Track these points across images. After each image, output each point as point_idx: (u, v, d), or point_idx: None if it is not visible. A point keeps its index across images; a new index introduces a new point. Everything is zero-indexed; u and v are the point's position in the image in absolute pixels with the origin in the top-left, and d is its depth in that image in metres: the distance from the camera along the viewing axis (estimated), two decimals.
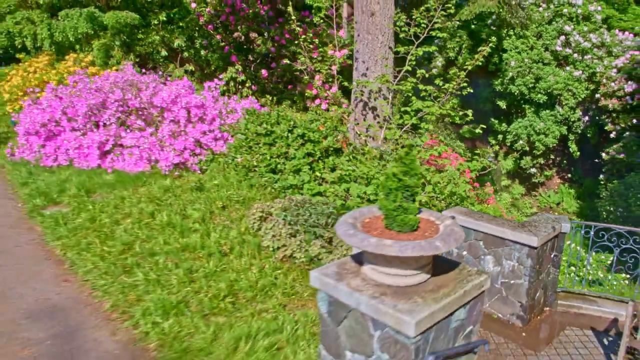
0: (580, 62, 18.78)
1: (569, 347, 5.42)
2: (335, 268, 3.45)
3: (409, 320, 2.81)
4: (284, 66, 15.86)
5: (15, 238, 6.95)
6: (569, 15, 19.05)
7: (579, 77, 18.60)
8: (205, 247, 6.18)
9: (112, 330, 4.92)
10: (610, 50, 18.78)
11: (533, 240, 5.44)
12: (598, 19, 19.25)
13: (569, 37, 18.80)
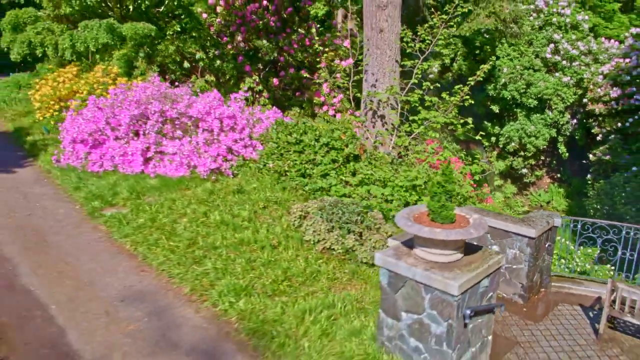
0: (569, 68, 20.36)
1: (561, 319, 6.81)
2: (392, 251, 4.78)
3: (453, 284, 4.14)
4: (292, 74, 17.14)
5: (84, 236, 8.15)
6: (558, 24, 20.61)
7: (568, 83, 20.17)
8: (257, 241, 7.47)
9: (196, 309, 6.19)
10: (597, 57, 20.38)
11: (531, 232, 6.81)
12: (585, 28, 20.84)
13: (558, 45, 20.35)
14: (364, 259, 7.42)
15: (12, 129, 13.98)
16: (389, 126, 12.70)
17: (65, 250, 7.59)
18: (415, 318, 4.63)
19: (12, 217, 8.71)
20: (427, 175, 10.27)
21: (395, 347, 4.92)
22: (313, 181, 9.32)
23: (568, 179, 22.21)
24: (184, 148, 10.07)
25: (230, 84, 15.95)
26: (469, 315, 4.37)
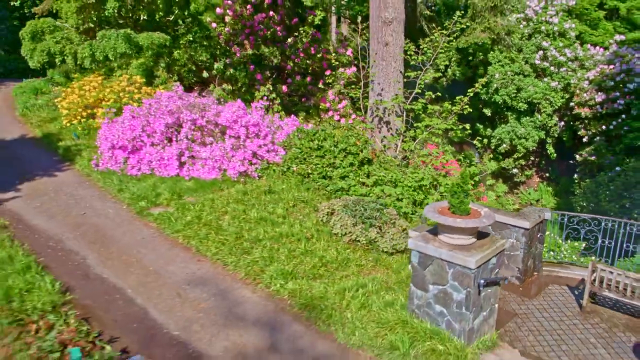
0: (557, 74, 22.03)
1: (551, 296, 8.33)
2: (421, 238, 6.24)
3: (471, 260, 5.61)
4: (298, 82, 18.55)
5: (138, 232, 9.50)
6: (547, 31, 22.28)
7: (556, 88, 21.85)
8: (294, 234, 8.89)
9: (252, 290, 7.60)
10: (583, 63, 22.09)
11: (526, 224, 8.32)
12: (572, 35, 22.53)
13: (547, 52, 22.03)
14: (385, 249, 8.88)
15: (40, 134, 15.20)
16: (393, 132, 14.19)
17: (125, 244, 8.94)
18: (440, 288, 6.09)
19: (69, 216, 10.02)
20: (432, 177, 11.79)
21: (424, 313, 6.39)
22: (334, 182, 10.78)
23: (556, 178, 23.90)
24: (215, 153, 11.45)
25: (242, 91, 17.29)
26: (483, 285, 5.84)
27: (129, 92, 15.01)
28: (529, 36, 22.62)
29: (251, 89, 17.51)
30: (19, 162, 13.06)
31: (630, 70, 20.01)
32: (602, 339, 7.08)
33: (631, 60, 20.28)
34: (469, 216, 6.00)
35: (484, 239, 6.25)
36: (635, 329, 7.41)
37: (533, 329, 7.25)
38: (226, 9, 19.25)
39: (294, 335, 6.48)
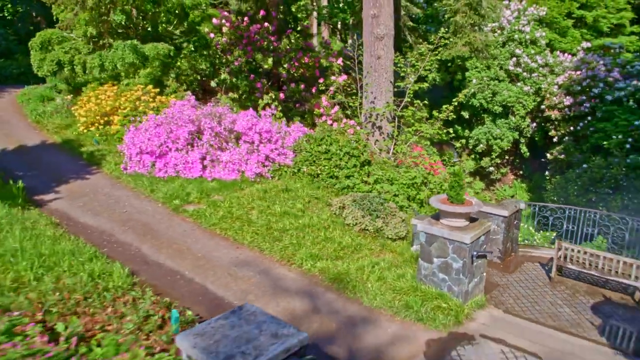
0: (529, 79, 24.54)
1: (527, 271, 10.53)
2: (427, 222, 8.33)
3: (466, 237, 7.73)
4: (292, 89, 20.51)
5: (178, 226, 11.35)
6: (519, 40, 24.77)
7: (528, 92, 24.35)
8: (314, 225, 10.90)
9: (288, 269, 9.58)
10: (553, 69, 24.65)
11: (505, 213, 10.50)
12: (543, 43, 25.09)
13: (520, 59, 24.51)
14: (389, 236, 10.98)
15: (60, 140, 16.81)
16: (385, 136, 16.34)
17: (170, 236, 10.81)
18: (443, 260, 8.19)
19: (113, 213, 11.81)
20: (422, 176, 13.96)
21: (430, 280, 8.49)
22: (340, 181, 12.83)
23: (529, 175, 26.44)
24: (234, 157, 13.36)
25: (243, 99, 19.17)
26: (475, 256, 7.95)
27: (144, 101, 16.75)
28: (503, 44, 25.08)
29: (251, 96, 19.41)
30: (48, 166, 14.70)
31: (595, 76, 22.61)
32: (566, 301, 9.29)
33: (596, 67, 22.90)
34: (464, 204, 8.11)
35: (474, 222, 8.37)
36: (593, 293, 9.66)
37: (513, 295, 9.43)
38: (222, 20, 21.08)
39: (329, 301, 8.49)
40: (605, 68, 22.88)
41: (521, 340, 7.69)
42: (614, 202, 18.78)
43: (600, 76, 22.46)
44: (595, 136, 21.79)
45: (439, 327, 7.83)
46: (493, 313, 8.55)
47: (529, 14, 24.97)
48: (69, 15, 20.23)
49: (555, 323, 8.41)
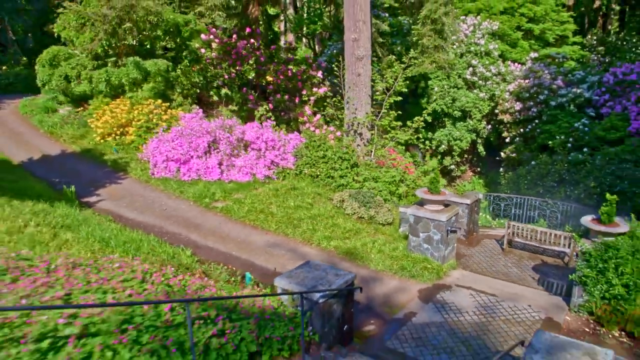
0: (484, 86, 28.97)
1: (485, 245, 14.61)
2: (414, 207, 12.22)
3: (443, 217, 11.68)
4: (278, 99, 24.13)
5: (212, 219, 14.82)
6: (475, 51, 29.17)
7: (483, 98, 28.77)
8: (322, 214, 14.63)
9: (309, 247, 13.26)
10: (505, 78, 29.16)
11: (468, 201, 14.54)
12: (496, 55, 29.57)
13: (476, 68, 28.91)
14: (380, 222, 14.83)
15: (79, 150, 19.86)
16: (365, 141, 20.22)
17: (209, 227, 14.30)
18: (426, 234, 12.09)
19: (155, 211, 15.17)
20: (400, 175, 17.91)
21: (417, 250, 12.39)
22: (336, 180, 16.61)
23: (486, 171, 30.94)
24: (247, 162, 16.93)
25: (238, 110, 22.66)
26: (449, 231, 11.89)
27: (156, 114, 20.03)
28: (461, 55, 29.43)
29: (243, 107, 22.94)
30: (80, 173, 17.82)
31: (541, 84, 27.19)
32: (515, 264, 13.37)
33: (542, 76, 27.49)
34: (440, 195, 12.03)
35: (447, 207, 12.32)
36: (534, 258, 13.79)
37: (476, 261, 13.45)
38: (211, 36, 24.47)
39: (345, 267, 12.25)
40: (550, 76, 27.51)
41: (483, 287, 11.68)
42: (558, 193, 23.20)
43: (546, 84, 27.05)
44: (542, 137, 26.32)
45: (426, 281, 11.74)
46: (462, 272, 12.54)
47: (483, 28, 29.42)
48: (72, 34, 23.19)
49: (506, 278, 12.46)
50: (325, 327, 8.23)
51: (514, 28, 31.32)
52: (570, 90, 26.67)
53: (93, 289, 6.60)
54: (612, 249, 10.15)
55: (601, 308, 10.27)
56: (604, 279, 10.18)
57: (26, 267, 7.18)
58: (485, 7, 31.06)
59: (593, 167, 22.23)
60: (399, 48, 28.70)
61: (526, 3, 31.17)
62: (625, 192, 20.40)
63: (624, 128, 24.21)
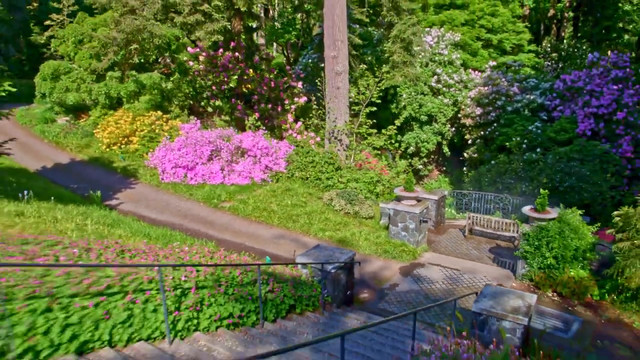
0: (448, 93, 33.04)
1: (450, 233, 18.47)
2: (393, 203, 15.97)
3: (416, 210, 15.49)
4: (263, 108, 27.56)
5: (223, 217, 18.21)
6: (439, 61, 33.22)
7: (447, 103, 32.83)
8: (315, 211, 18.23)
9: (308, 237, 16.87)
10: (466, 85, 33.30)
11: (435, 197, 18.39)
12: (458, 63, 33.68)
13: (440, 76, 32.95)
14: (364, 216, 18.53)
15: (87, 158, 22.88)
16: (345, 147, 23.92)
17: (222, 223, 17.70)
18: (404, 224, 15.81)
19: (172, 211, 18.44)
20: (376, 176, 21.67)
21: (396, 237, 16.13)
22: (323, 182, 20.25)
23: (450, 170, 35.09)
24: (246, 167, 20.38)
25: (229, 119, 26.02)
26: (422, 221, 15.63)
27: (158, 124, 23.24)
28: (426, 64, 33.43)
29: (232, 116, 26.32)
30: (93, 179, 20.91)
31: (498, 91, 31.39)
32: (474, 247, 17.24)
33: (499, 83, 31.70)
34: (413, 192, 15.78)
35: (419, 202, 16.10)
36: (489, 242, 17.70)
37: (443, 246, 17.27)
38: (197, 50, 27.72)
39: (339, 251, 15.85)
40: (507, 83, 31.75)
41: (449, 264, 15.48)
42: (515, 189, 27.31)
43: (503, 91, 31.27)
44: (500, 139, 30.50)
45: (404, 261, 15.47)
46: (433, 254, 16.34)
47: (446, 39, 33.49)
48: (69, 49, 26.13)
49: (468, 257, 16.31)
50: (335, 291, 11.85)
51: (475, 38, 35.58)
52: (524, 96, 30.94)
53: (188, 262, 10.01)
54: (544, 230, 14.08)
55: (538, 275, 14.20)
56: (539, 253, 14.11)
57: (135, 249, 10.47)
58: (448, 19, 35.19)
59: (545, 165, 26.29)
60: (370, 58, 32.47)
61: (485, 15, 35.47)
62: (573, 187, 24.58)
63: (572, 130, 28.41)
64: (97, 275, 7.62)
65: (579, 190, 24.53)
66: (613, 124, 27.62)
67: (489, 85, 32.00)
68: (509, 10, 36.68)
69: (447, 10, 36.30)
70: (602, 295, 13.99)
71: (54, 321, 6.28)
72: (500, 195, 20.10)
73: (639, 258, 12.81)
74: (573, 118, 28.81)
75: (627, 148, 26.19)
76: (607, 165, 25.48)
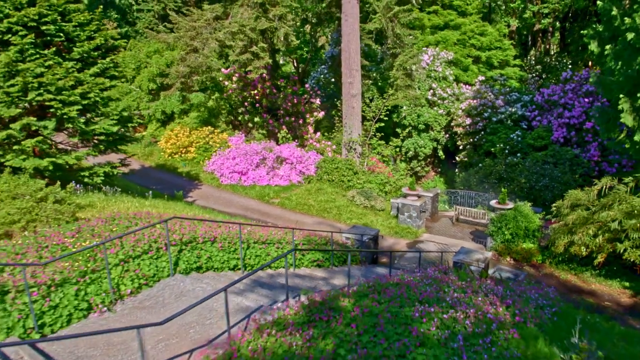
0: (442, 104, 42.05)
1: (442, 221, 27.52)
2: (401, 198, 25.04)
3: (418, 203, 24.56)
4: (287, 121, 36.33)
5: (275, 210, 27.04)
6: (434, 77, 42.22)
7: (442, 114, 41.85)
8: (342, 205, 27.17)
9: (340, 224, 25.81)
10: (458, 97, 42.32)
11: (431, 195, 27.47)
12: (451, 79, 42.70)
13: (435, 90, 41.95)
14: (378, 208, 27.53)
15: (154, 164, 31.49)
16: (358, 154, 32.88)
17: (275, 215, 26.54)
18: (409, 213, 24.78)
19: (235, 206, 27.21)
20: (386, 178, 30.74)
21: (403, 222, 25.15)
22: (345, 183, 29.21)
23: (445, 172, 44.21)
24: (286, 172, 29.24)
25: (265, 133, 34.79)
26: (421, 211, 24.59)
27: (210, 137, 31.97)
28: (424, 80, 42.41)
29: (266, 129, 35.14)
30: (165, 181, 29.54)
31: (485, 104, 40.43)
32: (459, 231, 26.27)
33: (486, 97, 40.76)
34: (415, 190, 24.78)
35: (420, 197, 25.11)
36: (471, 227, 26.75)
37: (436, 229, 26.29)
38: (230, 71, 36.41)
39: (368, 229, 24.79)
40: (493, 96, 40.79)
41: (440, 241, 24.48)
42: (499, 188, 36.42)
43: (489, 104, 40.31)
44: (486, 145, 39.54)
45: (409, 238, 24.46)
46: (429, 234, 25.34)
47: (441, 57, 42.48)
48: (128, 72, 34.78)
49: (454, 237, 25.32)
50: (367, 254, 20.81)
51: (466, 55, 44.68)
52: (507, 108, 40.03)
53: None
54: (504, 216, 23.12)
55: (500, 247, 23.23)
56: (500, 232, 23.15)
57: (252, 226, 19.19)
58: (442, 39, 44.23)
59: (524, 168, 34.99)
60: (374, 74, 41.44)
61: (475, 35, 44.59)
62: (547, 186, 33.45)
63: (548, 137, 37.33)
64: (259, 235, 16.51)
65: (552, 188, 33.30)
66: (583, 132, 36.01)
67: (477, 99, 41.02)
68: (496, 30, 45.82)
69: (441, 30, 45.32)
70: (543, 259, 23.05)
71: (251, 252, 15.12)
72: (480, 193, 29.17)
73: (563, 233, 21.86)
74: (549, 127, 37.59)
75: (594, 153, 34.29)
76: (576, 168, 34.00)
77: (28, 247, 11.59)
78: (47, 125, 18.44)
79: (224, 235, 14.44)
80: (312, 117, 35.81)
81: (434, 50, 42.81)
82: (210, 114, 34.21)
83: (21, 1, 18.86)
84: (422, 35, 44.92)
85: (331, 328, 8.62)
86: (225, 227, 15.58)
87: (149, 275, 11.92)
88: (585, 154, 34.50)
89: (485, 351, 8.02)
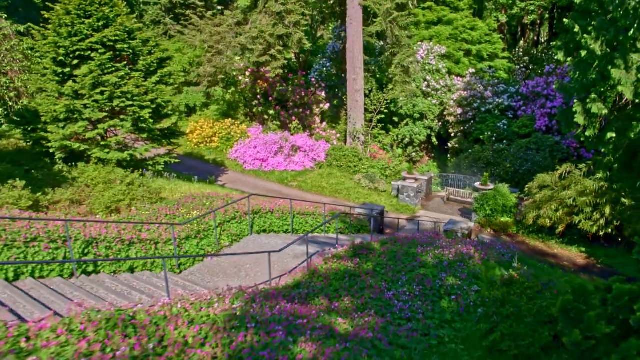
0: (435, 95, 48.92)
1: (436, 200, 34.58)
2: (401, 182, 32.08)
3: (415, 185, 31.62)
4: (296, 112, 43.02)
5: (293, 191, 33.90)
6: (429, 69, 49.04)
7: (435, 104, 48.74)
8: (350, 188, 34.14)
9: (352, 202, 32.81)
10: (450, 89, 49.19)
11: (426, 178, 34.55)
12: (444, 71, 49.51)
13: (429, 82, 48.78)
14: (380, 190, 34.55)
15: (183, 153, 38.11)
16: (361, 143, 39.83)
17: (294, 195, 33.35)
18: (407, 194, 31.77)
19: (258, 188, 34.02)
20: (386, 164, 37.79)
21: (403, 201, 32.16)
22: (352, 168, 36.18)
23: (438, 157, 51.22)
24: (301, 158, 36.12)
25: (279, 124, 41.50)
26: (418, 192, 31.57)
27: (232, 128, 38.64)
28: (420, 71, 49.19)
29: (275, 121, 41.87)
30: (196, 168, 36.17)
31: (475, 95, 47.29)
32: (450, 208, 33.34)
33: (475, 88, 47.62)
34: (413, 174, 31.77)
35: (417, 180, 32.13)
36: (460, 205, 33.81)
37: (431, 207, 33.34)
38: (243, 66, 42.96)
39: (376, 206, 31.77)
40: (482, 88, 47.62)
41: (434, 217, 31.49)
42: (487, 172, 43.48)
43: (478, 95, 47.19)
44: (476, 133, 46.43)
45: (408, 214, 31.47)
46: (424, 211, 32.36)
47: (434, 51, 49.22)
48: None
49: (445, 213, 32.36)
50: (375, 225, 27.82)
51: (457, 49, 51.55)
52: (495, 99, 46.95)
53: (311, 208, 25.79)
54: (485, 196, 30.16)
55: (482, 221, 30.30)
56: (483, 208, 30.20)
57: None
58: (436, 34, 51.02)
59: (509, 154, 41.71)
60: (373, 67, 48.19)
61: (466, 30, 51.42)
62: (530, 170, 40.23)
63: (531, 126, 44.20)
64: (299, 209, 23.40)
65: (534, 172, 40.03)
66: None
67: (468, 90, 47.89)
68: (486, 25, 52.69)
69: (435, 25, 52.11)
70: (517, 230, 30.13)
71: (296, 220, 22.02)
72: (469, 176, 36.24)
73: (532, 209, 28.93)
74: (532, 116, 44.33)
75: (572, 140, 41.53)
76: (556, 153, 40.69)
77: (151, 217, 18.35)
78: (125, 125, 25.11)
79: (277, 208, 21.28)
80: (319, 108, 42.56)
81: (429, 44, 49.59)
82: (229, 107, 40.82)
83: (98, 25, 25.32)
84: (417, 31, 51.62)
85: (369, 258, 15.59)
86: (273, 203, 22.39)
87: (236, 234, 18.79)
88: (565, 141, 40.66)
89: (460, 270, 14.99)
